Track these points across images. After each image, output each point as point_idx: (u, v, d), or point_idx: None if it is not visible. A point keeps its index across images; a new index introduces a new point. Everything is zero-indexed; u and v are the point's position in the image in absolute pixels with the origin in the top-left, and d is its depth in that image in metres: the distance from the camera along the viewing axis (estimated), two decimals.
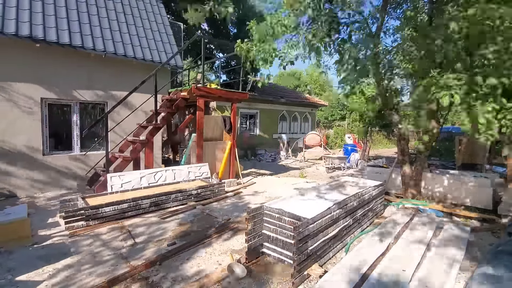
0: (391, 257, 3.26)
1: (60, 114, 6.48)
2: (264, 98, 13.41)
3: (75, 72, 6.32)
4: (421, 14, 5.51)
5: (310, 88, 28.45)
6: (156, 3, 8.32)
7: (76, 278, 2.92)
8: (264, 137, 14.35)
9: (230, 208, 5.38)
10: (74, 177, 6.43)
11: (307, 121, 17.04)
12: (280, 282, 2.93)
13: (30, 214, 4.55)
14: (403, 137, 5.77)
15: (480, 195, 5.33)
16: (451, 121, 25.72)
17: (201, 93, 6.53)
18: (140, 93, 6.68)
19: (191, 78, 13.03)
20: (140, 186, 5.62)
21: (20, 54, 5.64)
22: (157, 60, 7.18)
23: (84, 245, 3.68)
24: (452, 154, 10.81)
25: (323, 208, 3.36)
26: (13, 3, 5.66)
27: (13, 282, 2.83)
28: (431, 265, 3.15)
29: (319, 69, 5.31)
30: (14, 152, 5.70)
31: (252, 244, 3.28)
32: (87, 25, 6.45)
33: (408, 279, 2.82)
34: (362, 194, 4.22)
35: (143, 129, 6.72)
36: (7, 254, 3.38)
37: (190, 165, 6.73)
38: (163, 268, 3.16)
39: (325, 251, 3.36)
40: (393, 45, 5.21)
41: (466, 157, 7.88)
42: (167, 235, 4.03)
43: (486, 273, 2.94)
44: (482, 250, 3.74)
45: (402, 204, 5.44)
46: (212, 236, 4.03)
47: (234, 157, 7.67)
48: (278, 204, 3.56)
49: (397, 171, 6.27)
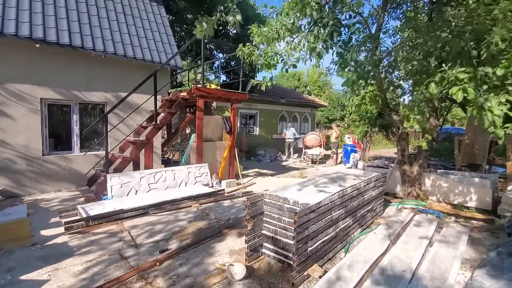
0: (391, 258, 3.26)
1: (59, 114, 6.48)
2: (264, 98, 13.41)
3: (75, 73, 6.32)
4: (421, 14, 5.51)
5: (310, 88, 28.45)
6: (156, 3, 8.33)
7: (76, 278, 2.92)
8: (264, 138, 14.36)
9: (229, 208, 5.38)
10: (74, 177, 6.43)
11: (307, 121, 17.04)
12: (280, 282, 2.93)
13: (30, 215, 4.54)
14: (403, 137, 5.77)
15: (479, 196, 5.33)
16: (451, 121, 25.76)
17: (200, 93, 6.53)
18: (140, 94, 6.68)
19: (191, 78, 13.05)
20: (139, 185, 5.62)
21: (20, 54, 5.64)
22: (157, 60, 7.18)
23: (83, 245, 3.67)
24: (451, 154, 10.81)
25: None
26: (13, 4, 5.66)
27: (13, 282, 2.83)
28: (431, 265, 3.15)
29: (319, 70, 5.32)
30: (14, 152, 5.70)
31: (251, 244, 3.28)
32: (87, 25, 6.45)
33: (408, 279, 2.82)
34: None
35: (143, 129, 6.72)
36: (7, 254, 3.37)
37: (190, 166, 6.73)
38: (163, 268, 3.16)
39: (325, 252, 3.36)
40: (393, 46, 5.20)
41: (466, 157, 7.87)
42: (167, 236, 4.03)
43: (486, 273, 2.94)
44: (481, 251, 3.74)
45: (402, 205, 5.44)
46: (212, 236, 4.03)
47: (234, 157, 7.67)
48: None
49: (397, 172, 6.27)
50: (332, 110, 24.17)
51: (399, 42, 5.52)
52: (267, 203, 3.38)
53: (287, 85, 26.15)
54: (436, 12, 4.82)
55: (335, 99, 25.11)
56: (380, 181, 4.97)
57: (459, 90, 2.90)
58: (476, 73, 2.94)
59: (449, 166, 9.60)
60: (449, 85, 3.06)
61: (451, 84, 3.02)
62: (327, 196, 3.34)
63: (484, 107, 2.85)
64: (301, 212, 2.81)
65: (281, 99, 14.44)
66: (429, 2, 5.58)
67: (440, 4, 4.83)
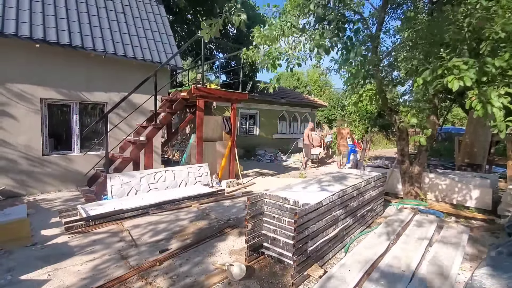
0: (391, 258, 3.26)
1: (59, 114, 6.48)
2: (264, 98, 13.40)
3: (75, 73, 6.32)
4: (421, 14, 5.51)
5: (310, 88, 28.43)
6: (156, 3, 8.33)
7: (76, 278, 2.92)
8: (264, 138, 14.35)
9: (230, 208, 5.38)
10: (74, 177, 6.42)
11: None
12: (280, 282, 2.93)
13: (30, 215, 4.54)
14: (403, 137, 5.77)
15: (479, 196, 5.33)
16: (451, 121, 25.76)
17: (201, 93, 6.53)
18: (140, 94, 6.68)
19: (191, 78, 13.05)
20: (140, 185, 5.63)
21: (20, 54, 5.64)
22: (157, 60, 7.18)
23: (83, 245, 3.67)
24: (451, 154, 10.82)
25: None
26: (13, 4, 5.66)
27: (13, 282, 2.83)
28: (431, 265, 3.15)
29: (319, 69, 5.31)
30: (14, 152, 5.70)
31: (251, 244, 3.28)
32: (87, 25, 6.45)
33: (408, 279, 2.82)
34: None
35: (143, 129, 6.72)
36: (7, 254, 3.37)
37: (190, 166, 6.74)
38: (163, 268, 3.16)
39: (325, 252, 3.36)
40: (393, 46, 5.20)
41: (466, 157, 7.88)
42: (167, 236, 4.03)
43: (486, 273, 2.94)
44: (482, 251, 3.74)
45: (402, 205, 5.43)
46: (212, 236, 4.03)
47: (234, 157, 7.67)
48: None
49: (397, 171, 6.27)
50: (332, 110, 24.17)
51: (399, 42, 5.52)
52: (267, 203, 3.38)
53: (286, 85, 26.13)
54: (436, 12, 4.82)
55: (335, 99, 25.11)
56: (380, 181, 4.97)
57: (454, 79, 2.81)
58: (474, 62, 2.87)
59: (449, 166, 9.61)
60: (445, 74, 2.97)
61: (449, 73, 2.92)
62: (327, 196, 3.34)
63: (483, 98, 2.79)
64: (301, 212, 2.81)
65: (281, 99, 14.43)
66: (429, 2, 5.58)
67: (440, 4, 4.83)
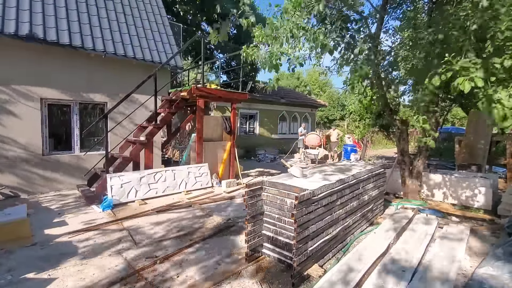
0: (392, 257, 3.26)
1: (59, 114, 6.48)
2: (264, 98, 13.40)
3: (74, 72, 6.32)
4: (421, 14, 5.51)
5: (310, 88, 28.45)
6: (156, 3, 8.33)
7: (76, 279, 2.92)
8: (264, 138, 14.35)
9: (230, 208, 5.38)
10: (74, 177, 6.43)
11: (307, 121, 17.04)
12: (280, 282, 2.93)
13: (30, 215, 4.54)
14: (403, 137, 5.77)
15: (480, 195, 5.33)
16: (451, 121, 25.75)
17: (201, 93, 6.53)
18: (140, 94, 6.68)
19: (191, 78, 13.05)
20: (140, 185, 5.63)
21: (20, 54, 5.64)
22: (157, 60, 7.18)
23: (83, 245, 3.67)
24: (452, 154, 10.80)
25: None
26: (13, 3, 5.66)
27: (13, 282, 2.83)
28: (432, 265, 3.15)
29: (320, 69, 5.30)
30: (14, 152, 5.70)
31: (251, 244, 3.28)
32: (87, 25, 6.45)
33: (409, 279, 2.82)
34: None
35: (143, 129, 6.72)
36: (7, 254, 3.37)
37: (190, 166, 6.74)
38: (163, 268, 3.16)
39: (325, 252, 3.36)
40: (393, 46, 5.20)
41: (466, 157, 7.87)
42: (167, 236, 4.03)
43: (486, 273, 2.94)
44: (482, 250, 3.74)
45: (402, 205, 5.44)
46: (211, 236, 4.03)
47: (234, 157, 7.67)
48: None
49: (397, 172, 6.27)
50: (332, 110, 24.19)
51: (399, 42, 5.52)
52: (267, 203, 3.37)
53: (286, 84, 26.14)
54: (436, 11, 4.82)
55: (335, 99, 25.14)
56: (380, 181, 4.97)
57: (465, 80, 2.77)
58: (483, 63, 2.85)
59: (449, 166, 9.60)
60: (453, 77, 2.95)
61: (459, 75, 2.88)
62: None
63: (493, 99, 2.77)
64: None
65: (281, 99, 14.43)
66: (429, 1, 5.58)
67: (440, 4, 4.83)
